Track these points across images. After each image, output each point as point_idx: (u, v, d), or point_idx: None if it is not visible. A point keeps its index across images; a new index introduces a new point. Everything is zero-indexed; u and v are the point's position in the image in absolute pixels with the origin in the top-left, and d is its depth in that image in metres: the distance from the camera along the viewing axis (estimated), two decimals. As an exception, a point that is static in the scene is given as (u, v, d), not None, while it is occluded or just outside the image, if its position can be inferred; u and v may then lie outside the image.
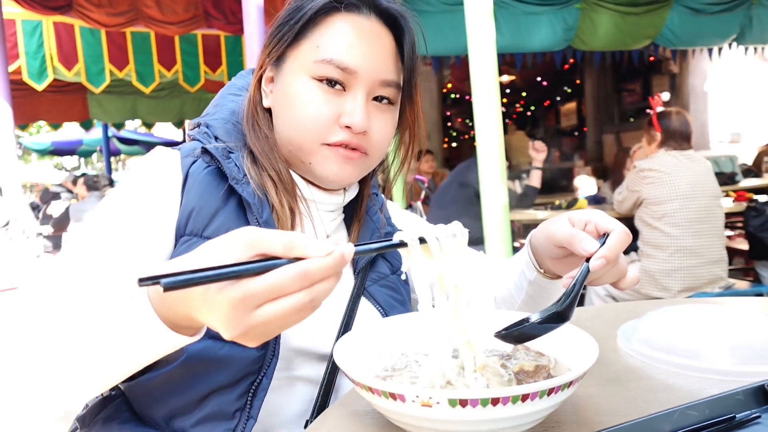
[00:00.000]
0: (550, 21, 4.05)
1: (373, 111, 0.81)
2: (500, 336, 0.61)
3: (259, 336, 0.49)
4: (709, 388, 0.65)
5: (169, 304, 0.52)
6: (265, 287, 0.46)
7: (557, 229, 0.75)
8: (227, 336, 0.48)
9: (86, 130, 9.10)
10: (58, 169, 21.09)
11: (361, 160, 0.81)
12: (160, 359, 0.72)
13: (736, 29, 4.52)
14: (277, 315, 0.46)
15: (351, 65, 0.77)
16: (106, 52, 5.05)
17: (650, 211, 2.74)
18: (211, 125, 0.85)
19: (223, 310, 0.46)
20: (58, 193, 7.95)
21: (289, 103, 0.79)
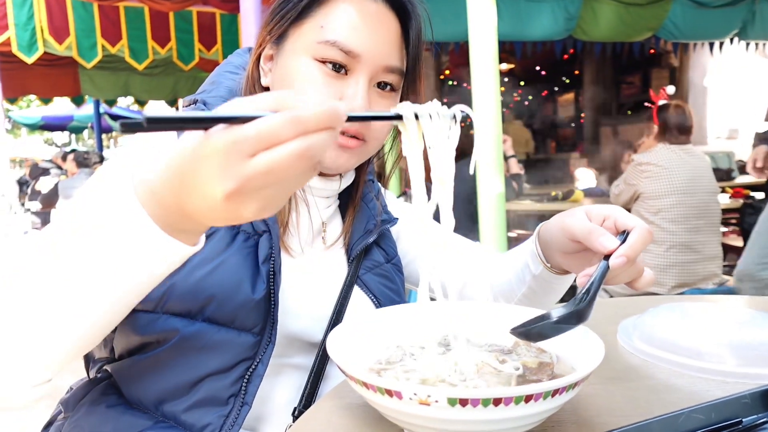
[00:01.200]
0: (552, 9, 4.00)
1: (374, 97, 0.79)
2: (517, 333, 0.59)
3: (259, 195, 0.44)
4: (714, 390, 0.63)
5: (159, 198, 0.48)
6: (257, 131, 0.42)
7: (574, 223, 0.72)
8: (221, 195, 0.43)
9: (77, 105, 8.95)
10: (48, 144, 20.84)
11: (358, 148, 0.79)
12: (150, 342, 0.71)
13: (738, 24, 4.49)
14: (273, 162, 0.42)
15: (355, 49, 0.75)
16: (99, 26, 4.92)
17: (647, 205, 2.73)
18: (208, 103, 0.82)
19: (215, 161, 0.42)
20: (47, 169, 7.84)
21: (288, 83, 0.77)
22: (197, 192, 0.44)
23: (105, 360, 0.78)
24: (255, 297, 0.71)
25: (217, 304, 0.70)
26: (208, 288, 0.69)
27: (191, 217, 0.48)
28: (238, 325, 0.71)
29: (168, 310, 0.70)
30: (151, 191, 0.48)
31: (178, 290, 0.69)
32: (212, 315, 0.70)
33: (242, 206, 0.44)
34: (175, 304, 0.69)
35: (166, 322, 0.69)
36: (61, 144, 20.03)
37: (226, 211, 0.44)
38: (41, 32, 4.60)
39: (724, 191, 4.03)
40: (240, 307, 0.71)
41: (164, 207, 0.48)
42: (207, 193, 0.44)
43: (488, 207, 2.40)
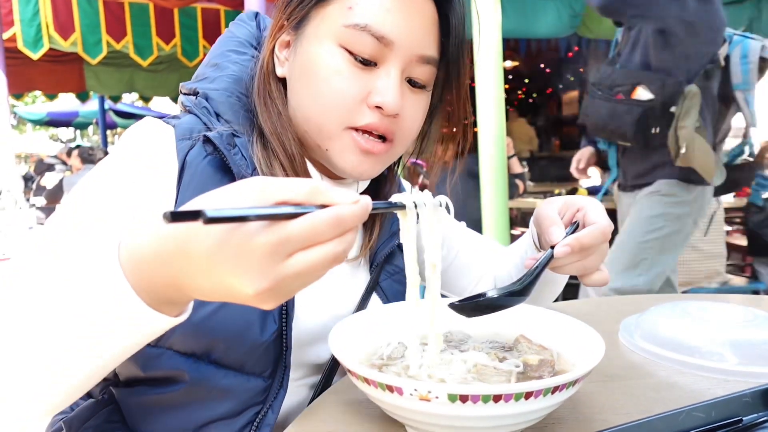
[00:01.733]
0: (557, 7, 3.99)
1: (406, 92, 0.70)
2: (454, 307, 0.60)
3: (283, 291, 0.42)
4: (714, 388, 0.63)
5: (150, 271, 0.44)
6: (301, 232, 0.40)
7: (543, 211, 0.76)
8: (251, 292, 0.40)
9: (82, 101, 8.97)
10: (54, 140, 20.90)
11: (384, 154, 0.71)
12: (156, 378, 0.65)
13: (744, 21, 4.46)
14: (308, 265, 0.41)
15: (388, 34, 0.66)
16: (104, 22, 4.93)
17: None
18: (211, 98, 0.74)
19: (254, 259, 0.40)
20: (52, 165, 7.87)
21: (309, 74, 0.68)
22: (217, 281, 0.42)
23: (110, 381, 0.72)
24: (264, 339, 0.65)
25: (224, 347, 0.64)
26: (214, 329, 0.63)
27: (184, 292, 0.45)
28: (247, 369, 0.65)
29: (172, 347, 0.64)
30: (140, 263, 0.44)
31: (182, 328, 0.59)
32: (219, 359, 0.64)
33: (267, 301, 0.42)
34: (179, 342, 0.64)
35: (170, 359, 0.64)
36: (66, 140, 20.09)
37: (243, 300, 0.42)
38: (46, 28, 4.61)
39: (729, 190, 4.00)
40: (249, 351, 0.65)
41: (152, 281, 0.44)
42: (233, 287, 0.41)
43: (491, 204, 2.40)
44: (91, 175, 0.66)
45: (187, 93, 0.77)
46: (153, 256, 0.44)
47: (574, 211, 0.75)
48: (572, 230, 0.71)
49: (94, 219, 0.61)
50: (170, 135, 0.69)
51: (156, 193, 0.65)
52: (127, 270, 0.44)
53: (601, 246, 0.71)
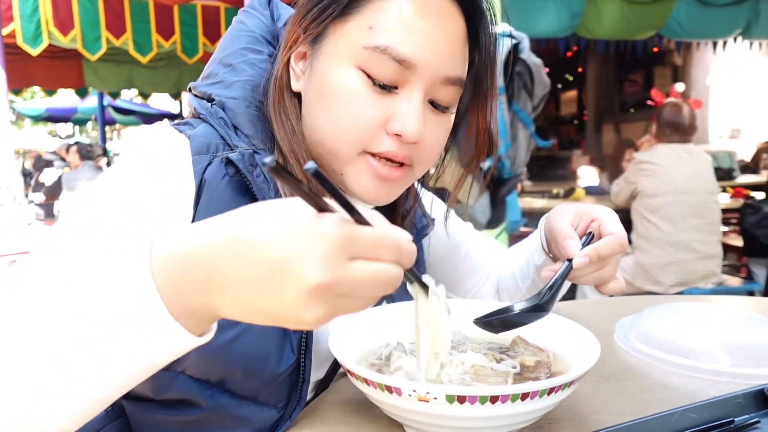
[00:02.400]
0: (556, 7, 3.99)
1: (428, 115, 0.66)
2: (480, 323, 0.61)
3: (335, 301, 0.39)
4: (708, 389, 0.64)
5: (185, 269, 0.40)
6: (369, 238, 0.39)
7: (556, 224, 0.75)
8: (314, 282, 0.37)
9: (81, 97, 8.95)
10: (52, 136, 20.84)
11: (402, 179, 0.68)
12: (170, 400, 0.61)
13: (742, 23, 4.47)
14: (369, 276, 0.39)
15: (411, 57, 0.62)
16: (103, 19, 4.92)
17: (645, 203, 2.74)
18: (228, 108, 0.68)
19: (324, 245, 0.37)
20: (51, 161, 7.86)
21: (326, 95, 0.64)
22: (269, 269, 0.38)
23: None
24: (281, 371, 0.62)
25: (239, 377, 0.61)
26: (231, 359, 0.60)
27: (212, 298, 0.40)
28: (261, 400, 0.63)
29: (185, 371, 0.61)
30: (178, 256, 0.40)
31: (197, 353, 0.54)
32: (234, 388, 0.62)
33: (315, 305, 0.38)
34: (192, 367, 0.60)
35: (183, 384, 0.61)
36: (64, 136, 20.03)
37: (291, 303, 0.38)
38: (46, 24, 4.60)
39: (725, 191, 4.03)
40: (264, 382, 0.62)
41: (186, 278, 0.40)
42: (289, 275, 0.37)
43: (490, 204, 2.40)
44: (104, 180, 0.63)
45: (200, 96, 0.72)
46: (194, 251, 0.40)
47: (588, 221, 0.74)
48: (587, 241, 0.71)
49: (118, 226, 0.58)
50: (185, 147, 0.64)
51: (172, 204, 0.61)
52: (157, 274, 0.40)
53: (616, 255, 0.71)
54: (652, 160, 2.72)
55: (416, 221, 0.84)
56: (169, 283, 0.40)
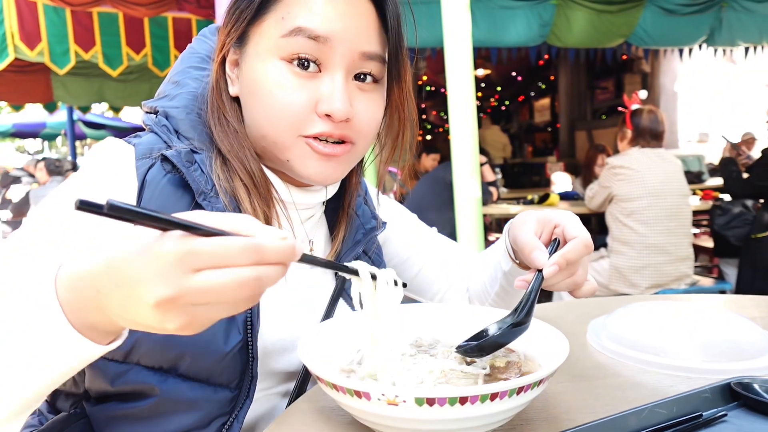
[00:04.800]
0: (526, 16, 4.07)
1: (355, 93, 0.70)
2: (462, 351, 0.60)
3: (188, 311, 0.41)
4: (678, 386, 0.65)
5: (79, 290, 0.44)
6: (212, 248, 0.40)
7: (520, 234, 0.73)
8: (153, 300, 0.39)
9: (50, 112, 8.77)
10: (21, 152, 20.37)
11: (346, 155, 0.71)
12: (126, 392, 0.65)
13: (706, 31, 4.62)
14: (215, 284, 0.40)
15: (323, 32, 0.66)
16: (72, 32, 4.84)
17: (620, 207, 2.79)
18: (171, 116, 0.74)
19: (160, 263, 0.39)
20: (18, 177, 7.67)
21: (256, 91, 0.69)
22: (126, 288, 0.41)
23: (80, 395, 0.72)
24: (228, 350, 0.65)
25: (190, 359, 0.65)
26: (180, 342, 0.63)
27: (107, 314, 0.44)
28: (213, 381, 0.66)
29: (139, 362, 0.65)
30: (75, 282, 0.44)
31: (147, 342, 0.64)
32: (186, 371, 0.65)
33: (168, 317, 0.41)
34: (145, 356, 0.64)
35: (138, 374, 0.64)
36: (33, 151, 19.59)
37: (149, 317, 0.41)
38: (12, 38, 4.50)
39: (695, 194, 4.12)
40: (214, 362, 0.65)
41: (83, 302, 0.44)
42: (137, 294, 0.40)
43: (465, 211, 2.42)
44: (52, 196, 0.66)
45: (149, 111, 0.77)
46: (85, 274, 0.44)
47: (551, 228, 0.74)
48: (553, 248, 0.71)
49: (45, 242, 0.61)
50: (130, 154, 0.70)
51: None
52: (61, 293, 0.45)
53: (584, 258, 0.70)
54: (626, 165, 2.77)
55: (364, 221, 0.86)
56: (69, 301, 0.45)
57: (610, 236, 2.87)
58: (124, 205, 0.37)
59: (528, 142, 11.04)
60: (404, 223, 1.00)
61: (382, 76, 0.73)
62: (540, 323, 0.63)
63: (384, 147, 0.83)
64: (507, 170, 6.66)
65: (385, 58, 0.72)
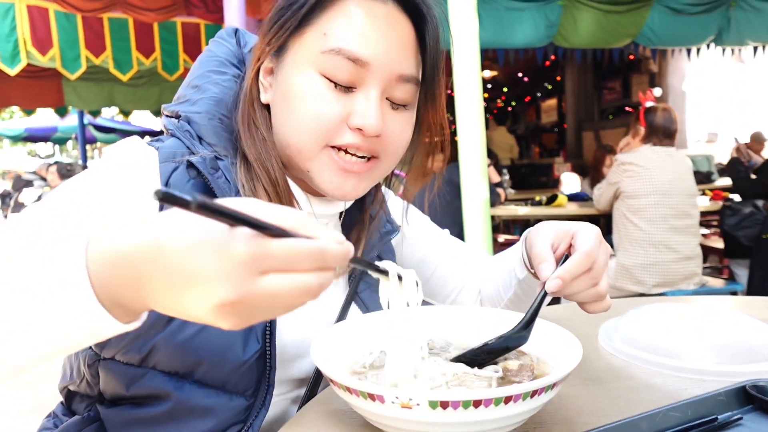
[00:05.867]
0: (533, 17, 4.06)
1: (387, 111, 0.71)
2: (456, 360, 0.60)
3: (246, 312, 0.39)
4: (691, 388, 0.65)
5: (114, 266, 0.42)
6: (282, 252, 0.39)
7: (535, 244, 0.71)
8: (216, 301, 0.38)
9: (61, 116, 8.84)
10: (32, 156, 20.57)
11: (367, 172, 0.72)
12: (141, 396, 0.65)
13: (714, 30, 4.59)
14: (282, 289, 0.39)
15: (363, 55, 0.67)
16: (83, 37, 4.89)
17: (627, 204, 2.78)
18: (193, 121, 0.73)
19: (229, 265, 0.37)
20: (30, 181, 7.75)
21: (290, 100, 0.69)
22: (181, 281, 0.39)
23: (94, 398, 0.72)
24: (246, 358, 0.65)
25: (207, 367, 0.64)
26: (197, 349, 0.64)
27: (142, 296, 0.42)
28: (229, 388, 0.66)
29: (155, 367, 0.65)
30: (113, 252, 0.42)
31: (165, 348, 0.64)
32: (202, 378, 0.65)
33: (224, 318, 0.39)
34: (162, 361, 0.64)
35: (153, 379, 0.65)
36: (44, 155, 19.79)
37: (204, 314, 0.39)
38: (24, 44, 4.55)
39: (704, 194, 4.09)
40: (231, 370, 0.65)
41: (112, 277, 0.42)
42: (196, 291, 0.38)
43: (473, 212, 2.42)
44: (71, 179, 0.66)
45: (170, 115, 0.77)
46: (124, 252, 0.41)
47: (569, 240, 0.70)
48: (564, 262, 0.67)
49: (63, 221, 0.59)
50: (154, 156, 0.69)
51: (134, 208, 0.64)
52: (92, 264, 0.43)
53: (595, 270, 0.66)
54: (635, 162, 2.77)
55: (381, 226, 0.86)
56: (100, 275, 0.43)
57: (617, 234, 2.86)
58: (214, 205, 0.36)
59: (535, 143, 11.01)
60: (418, 224, 1.00)
61: (415, 99, 0.74)
62: (552, 326, 0.63)
63: (413, 165, 0.83)
64: (514, 171, 6.65)
65: (419, 80, 0.74)
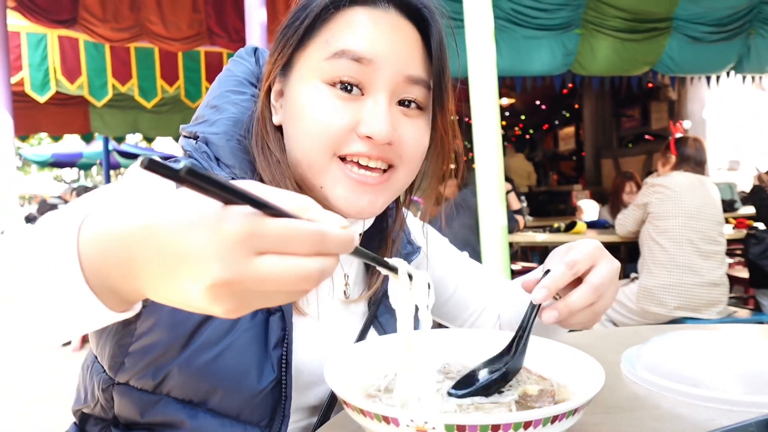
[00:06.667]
0: (550, 45, 4.09)
1: (399, 117, 0.68)
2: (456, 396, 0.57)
3: (241, 297, 0.37)
4: (718, 419, 0.62)
5: (107, 249, 0.40)
6: (279, 231, 0.36)
7: (550, 263, 0.68)
8: (209, 281, 0.36)
9: (87, 143, 9.10)
10: (58, 181, 21.10)
11: (384, 185, 0.68)
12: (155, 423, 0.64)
13: (734, 58, 4.57)
14: (278, 272, 0.36)
15: (367, 53, 0.64)
16: (110, 66, 5.06)
17: (654, 226, 2.79)
18: (211, 142, 0.72)
19: (222, 243, 0.35)
20: (55, 205, 7.92)
21: (297, 114, 0.67)
22: (172, 262, 0.37)
23: (109, 421, 0.71)
24: (261, 387, 0.64)
25: (221, 395, 0.63)
26: (211, 377, 0.62)
27: (137, 284, 0.41)
28: (244, 418, 0.64)
29: (169, 394, 0.64)
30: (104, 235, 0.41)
31: (179, 375, 0.63)
32: (216, 407, 0.64)
33: (218, 301, 0.37)
34: (176, 388, 0.63)
35: (167, 406, 0.64)
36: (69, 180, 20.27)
37: (196, 297, 0.37)
38: (54, 72, 4.73)
39: (728, 222, 4.01)
40: (246, 399, 0.64)
41: (107, 260, 0.41)
42: (188, 271, 0.36)
43: (491, 239, 2.40)
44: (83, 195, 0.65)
45: (188, 136, 0.76)
46: (117, 234, 0.40)
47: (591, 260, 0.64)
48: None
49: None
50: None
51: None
52: (84, 248, 0.42)
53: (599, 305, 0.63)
54: (665, 184, 2.79)
55: (401, 247, 0.84)
56: (92, 259, 0.41)
57: (641, 257, 2.85)
58: (204, 173, 0.33)
59: (553, 170, 10.96)
60: (436, 245, 0.99)
61: (428, 102, 0.71)
62: (572, 350, 0.62)
63: (423, 177, 0.79)
64: (532, 198, 6.61)
65: (430, 85, 0.70)
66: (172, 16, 4.64)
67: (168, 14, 4.63)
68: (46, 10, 4.31)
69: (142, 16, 4.59)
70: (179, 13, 4.66)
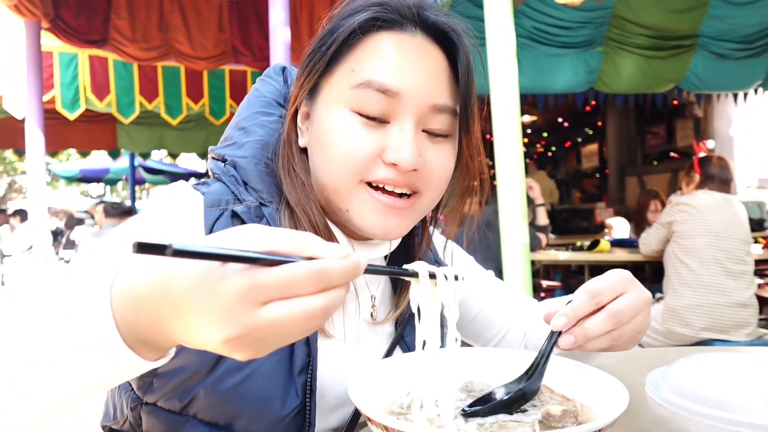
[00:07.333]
0: (572, 63, 4.08)
1: (425, 144, 0.68)
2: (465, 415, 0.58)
3: (257, 344, 0.40)
4: (748, 444, 0.61)
5: (137, 307, 0.43)
6: (277, 280, 0.38)
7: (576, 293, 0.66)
8: (221, 338, 0.39)
9: (114, 158, 9.34)
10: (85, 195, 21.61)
11: (409, 209, 0.69)
12: None
13: (761, 75, 4.50)
14: (285, 317, 0.38)
15: (392, 86, 0.65)
16: (137, 84, 5.22)
17: (679, 244, 2.74)
18: (239, 166, 0.73)
19: (225, 302, 0.38)
20: (82, 219, 8.12)
21: (323, 139, 0.68)
22: (189, 322, 0.40)
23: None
24: (285, 413, 0.64)
25: (246, 419, 0.64)
26: (237, 400, 0.63)
27: (168, 335, 0.43)
28: None
29: (196, 416, 0.65)
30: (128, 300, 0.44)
31: (206, 397, 0.63)
32: (242, 431, 0.64)
33: (235, 351, 0.40)
34: (203, 411, 0.64)
35: (194, 428, 0.64)
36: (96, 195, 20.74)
37: (218, 350, 0.40)
38: (84, 90, 4.89)
39: (757, 241, 3.92)
40: (270, 425, 0.64)
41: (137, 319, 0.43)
42: (203, 331, 0.40)
43: (513, 257, 2.38)
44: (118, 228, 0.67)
45: (216, 158, 0.77)
46: (142, 293, 0.43)
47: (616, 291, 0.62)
48: None
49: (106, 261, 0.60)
50: (199, 201, 0.69)
51: None
52: (117, 305, 0.44)
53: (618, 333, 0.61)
54: (690, 203, 2.75)
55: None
56: (125, 315, 0.44)
57: (666, 277, 2.79)
58: (189, 248, 0.36)
59: (576, 188, 10.86)
60: (462, 263, 0.98)
61: (454, 129, 0.71)
62: (596, 371, 0.61)
63: (449, 200, 0.79)
64: (554, 216, 6.53)
65: (457, 111, 0.70)
66: (199, 36, 4.77)
67: (195, 34, 4.76)
68: (79, 31, 4.48)
69: (170, 36, 4.73)
70: (205, 33, 4.79)
